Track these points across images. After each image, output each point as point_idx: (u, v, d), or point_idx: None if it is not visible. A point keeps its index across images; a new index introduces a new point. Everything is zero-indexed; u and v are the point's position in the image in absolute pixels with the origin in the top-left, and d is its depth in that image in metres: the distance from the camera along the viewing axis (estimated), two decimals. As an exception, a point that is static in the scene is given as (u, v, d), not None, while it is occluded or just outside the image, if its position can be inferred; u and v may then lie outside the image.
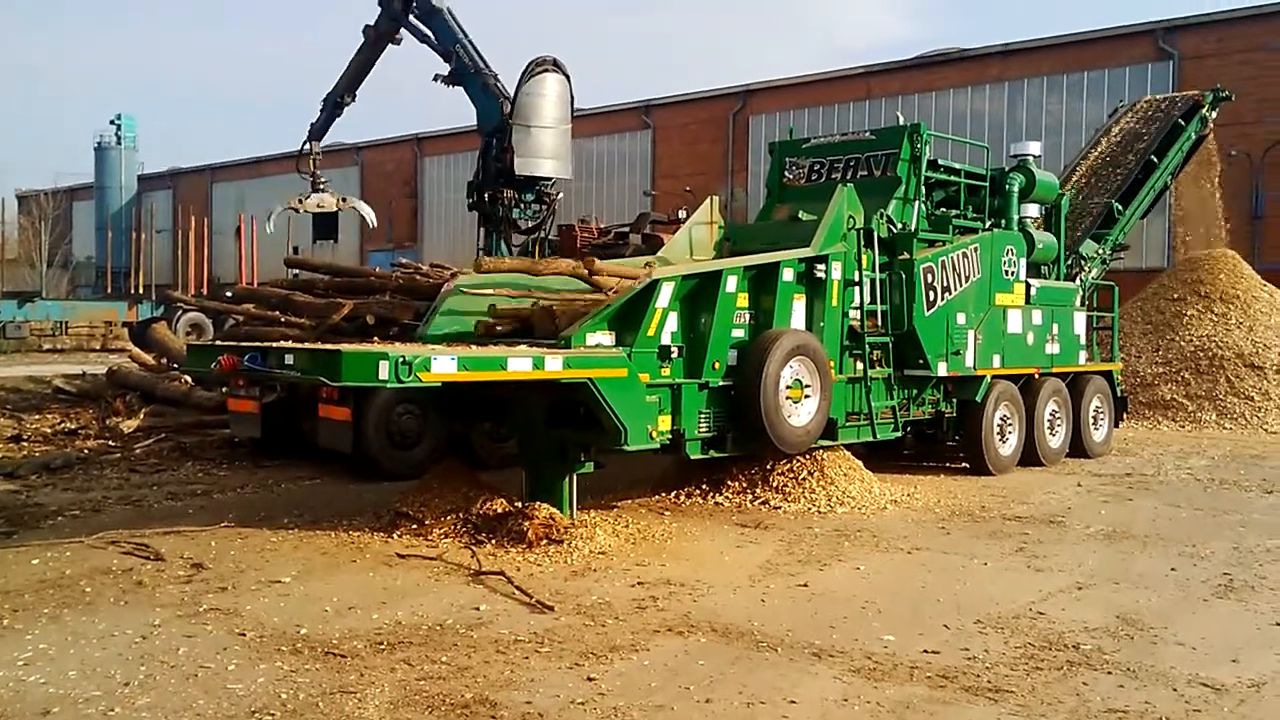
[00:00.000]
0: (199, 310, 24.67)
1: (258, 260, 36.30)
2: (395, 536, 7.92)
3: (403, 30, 19.03)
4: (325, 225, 47.29)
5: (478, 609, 6.19)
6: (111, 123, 59.11)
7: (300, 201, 14.25)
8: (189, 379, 13.58)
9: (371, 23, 19.36)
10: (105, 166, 58.54)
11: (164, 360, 15.37)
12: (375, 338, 10.45)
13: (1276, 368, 17.03)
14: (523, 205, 17.83)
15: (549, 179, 17.84)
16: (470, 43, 18.36)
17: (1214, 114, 17.10)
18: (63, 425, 13.22)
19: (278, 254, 33.66)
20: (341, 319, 11.63)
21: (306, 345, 8.06)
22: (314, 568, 7.10)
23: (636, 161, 38.20)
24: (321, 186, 16.70)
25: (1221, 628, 6.16)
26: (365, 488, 10.11)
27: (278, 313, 13.00)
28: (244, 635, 5.64)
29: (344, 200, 14.66)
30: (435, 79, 18.67)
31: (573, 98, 17.89)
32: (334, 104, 20.52)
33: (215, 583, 6.68)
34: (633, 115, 38.40)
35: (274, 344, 7.77)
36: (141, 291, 41.31)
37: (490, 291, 8.91)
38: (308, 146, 20.26)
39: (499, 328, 8.65)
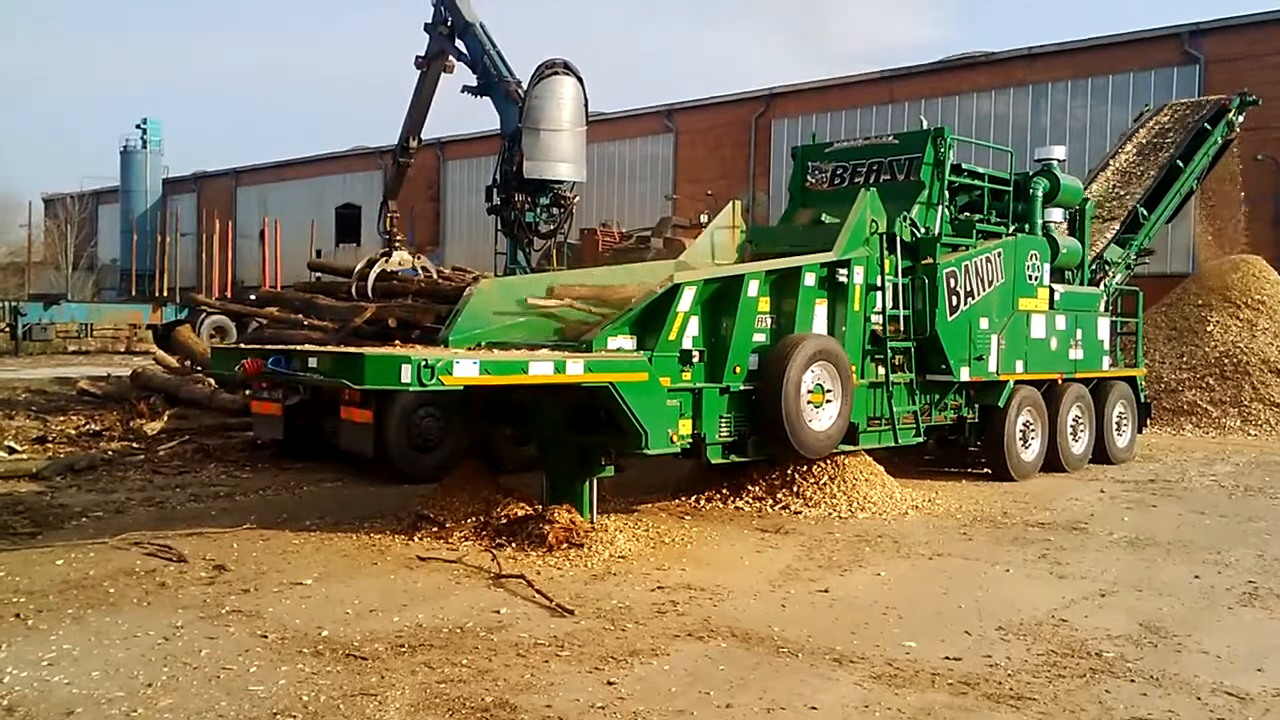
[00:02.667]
0: (223, 313, 24.79)
1: (281, 263, 36.46)
2: (416, 539, 7.95)
3: (451, 57, 19.18)
4: (348, 227, 47.57)
5: (498, 612, 6.20)
6: (137, 126, 59.48)
7: (386, 260, 14.76)
8: (212, 381, 13.68)
9: (422, 53, 19.55)
10: (131, 170, 58.91)
11: (188, 363, 15.50)
12: (397, 341, 10.48)
13: (1303, 374, 16.88)
14: (538, 209, 17.83)
15: (561, 182, 17.83)
16: (498, 53, 18.46)
17: (1240, 118, 16.95)
18: (87, 427, 13.33)
19: (301, 257, 33.83)
20: (364, 322, 11.68)
21: (330, 349, 8.10)
22: (335, 570, 7.13)
23: (659, 165, 38.17)
24: (398, 244, 17.14)
25: (1246, 636, 6.11)
26: (386, 490, 10.15)
27: (301, 316, 13.07)
28: (266, 637, 5.67)
29: (418, 258, 15.19)
30: (464, 90, 18.82)
31: (586, 100, 17.88)
32: (401, 150, 20.69)
33: (237, 584, 6.72)
34: (655, 119, 38.38)
35: (297, 347, 7.82)
36: (166, 294, 41.55)
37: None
38: (387, 206, 20.42)
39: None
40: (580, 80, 17.77)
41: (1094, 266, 14.02)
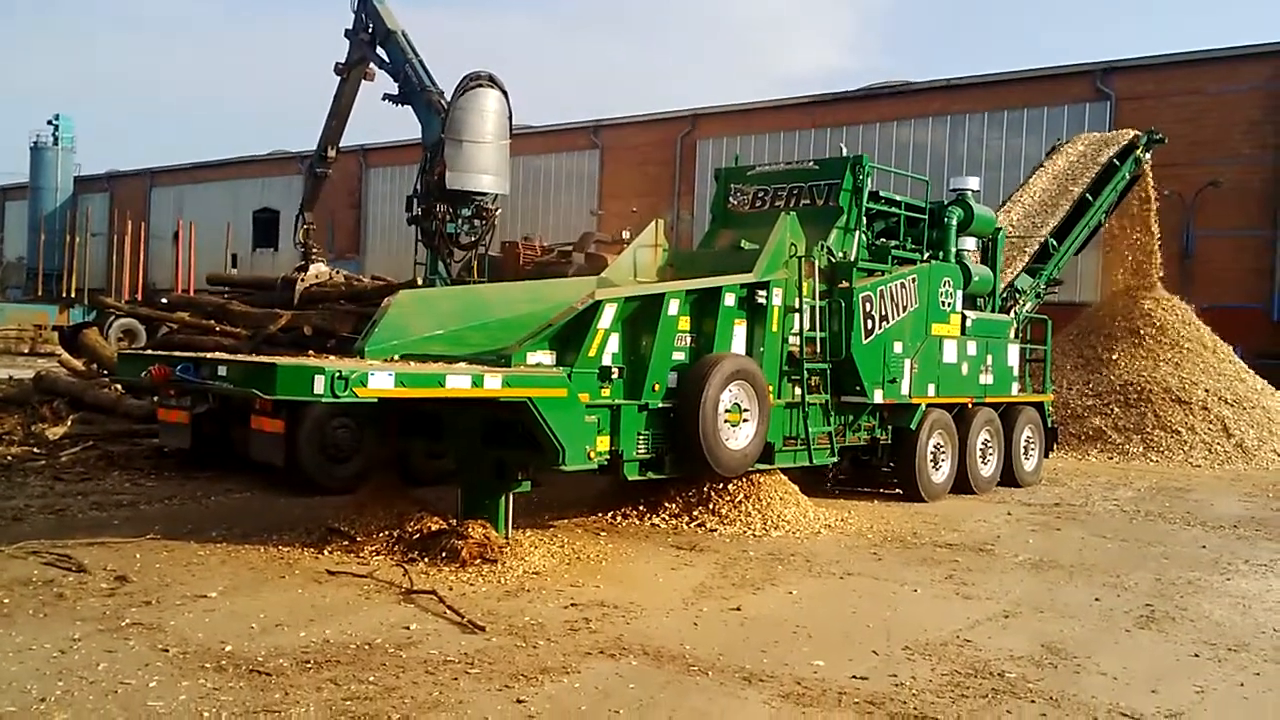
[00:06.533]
0: (132, 316, 24.19)
1: (195, 267, 35.71)
2: (326, 553, 7.82)
3: (372, 64, 19.06)
4: (266, 232, 46.77)
5: (408, 628, 6.13)
6: (49, 122, 58.04)
7: (302, 275, 14.46)
8: (119, 387, 13.32)
9: (342, 60, 19.38)
10: (41, 167, 57.35)
11: (94, 366, 15.06)
12: (311, 350, 10.33)
13: (1202, 403, 17.47)
14: (459, 220, 17.74)
15: (484, 194, 17.77)
16: (420, 62, 18.37)
17: (1147, 155, 17.54)
18: (-14, 431, 12.89)
19: (216, 261, 33.13)
20: (279, 329, 11.49)
21: (241, 357, 7.95)
22: (241, 583, 6.98)
23: (584, 180, 38.23)
24: (315, 257, 16.88)
25: (1142, 658, 6.28)
26: (296, 502, 9.97)
27: (213, 321, 12.82)
28: (167, 651, 5.53)
29: (336, 272, 14.92)
30: (384, 98, 18.68)
31: (511, 113, 17.86)
32: (319, 159, 20.44)
33: (139, 596, 6.54)
34: (582, 134, 38.45)
35: (207, 355, 7.66)
36: (73, 295, 40.46)
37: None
38: (302, 218, 20.11)
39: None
40: (505, 93, 17.75)
41: (1005, 294, 14.38)
